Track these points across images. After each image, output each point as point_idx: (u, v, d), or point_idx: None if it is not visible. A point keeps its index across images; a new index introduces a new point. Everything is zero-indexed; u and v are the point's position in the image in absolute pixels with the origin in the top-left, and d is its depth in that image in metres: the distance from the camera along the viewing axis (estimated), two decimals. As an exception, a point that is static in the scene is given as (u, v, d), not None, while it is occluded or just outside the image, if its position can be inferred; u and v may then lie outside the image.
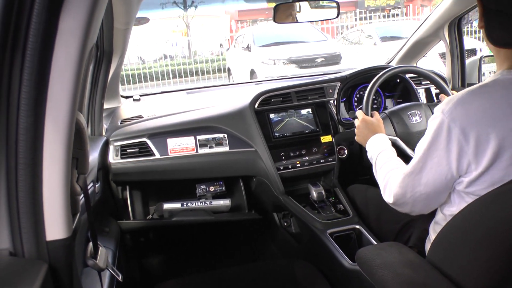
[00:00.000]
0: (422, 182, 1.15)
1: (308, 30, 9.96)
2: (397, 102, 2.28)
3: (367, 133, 1.62)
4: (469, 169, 1.06)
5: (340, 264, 1.65)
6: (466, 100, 1.06)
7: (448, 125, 1.05)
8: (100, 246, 1.17)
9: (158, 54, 13.62)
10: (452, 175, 1.09)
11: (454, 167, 1.07)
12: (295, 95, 2.12)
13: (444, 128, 1.06)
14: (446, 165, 1.08)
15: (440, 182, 1.12)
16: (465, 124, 1.03)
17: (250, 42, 9.71)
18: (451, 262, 1.05)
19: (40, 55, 0.73)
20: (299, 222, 1.98)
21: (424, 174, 1.13)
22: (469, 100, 1.06)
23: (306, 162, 2.05)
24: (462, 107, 1.05)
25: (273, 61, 8.77)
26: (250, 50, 9.58)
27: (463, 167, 1.07)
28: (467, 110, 1.04)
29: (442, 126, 1.06)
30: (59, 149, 0.78)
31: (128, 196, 2.15)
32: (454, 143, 1.05)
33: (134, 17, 1.98)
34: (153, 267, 2.38)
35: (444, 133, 1.06)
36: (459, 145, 1.04)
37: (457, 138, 1.04)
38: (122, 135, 2.05)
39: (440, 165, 1.09)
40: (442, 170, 1.10)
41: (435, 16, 2.30)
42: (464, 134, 1.03)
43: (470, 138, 1.03)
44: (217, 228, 2.44)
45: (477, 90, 1.07)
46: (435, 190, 1.14)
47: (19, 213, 0.76)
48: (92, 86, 1.94)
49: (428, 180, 1.13)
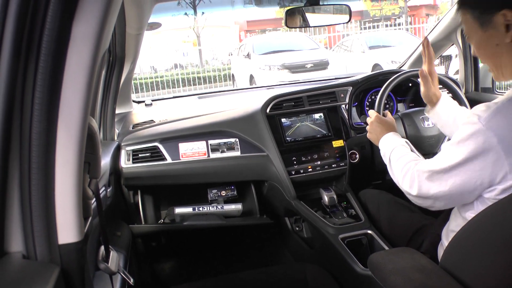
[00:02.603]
0: (449, 183, 1.10)
1: (302, 40, 10.98)
2: (409, 106, 2.26)
3: (380, 131, 1.60)
4: (505, 178, 1.01)
5: (352, 269, 1.64)
6: (506, 109, 1.00)
7: (485, 134, 0.99)
8: (112, 250, 1.17)
9: (169, 64, 14.08)
10: (483, 182, 1.04)
11: (487, 175, 1.03)
12: (306, 100, 2.12)
13: (481, 137, 1.00)
14: (479, 171, 1.04)
15: (469, 187, 1.07)
16: (505, 135, 0.98)
17: (250, 50, 10.60)
18: (465, 268, 1.04)
19: (53, 61, 0.73)
20: (311, 227, 1.98)
21: (453, 176, 1.09)
22: (510, 109, 1.00)
23: (318, 167, 2.05)
24: (502, 116, 0.99)
25: (269, 67, 9.58)
26: (250, 58, 10.44)
27: (497, 176, 1.02)
28: (508, 119, 0.99)
29: (478, 133, 1.01)
30: (72, 154, 0.79)
31: (139, 200, 2.16)
32: (490, 153, 1.00)
33: (147, 22, 1.99)
34: (165, 271, 2.39)
35: (481, 141, 1.01)
36: (496, 155, 1.00)
37: (495, 148, 0.99)
38: (134, 140, 2.06)
39: (472, 170, 1.05)
40: (472, 175, 1.05)
41: (448, 19, 2.29)
42: (504, 145, 0.98)
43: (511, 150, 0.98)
44: (228, 232, 2.44)
45: None
46: (461, 193, 1.10)
47: (32, 216, 0.77)
48: (104, 91, 1.95)
49: (455, 183, 1.09)
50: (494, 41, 1.08)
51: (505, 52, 1.08)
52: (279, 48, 10.27)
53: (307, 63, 9.46)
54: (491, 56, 1.13)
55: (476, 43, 1.15)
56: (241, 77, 11.04)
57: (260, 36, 16.39)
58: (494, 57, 1.12)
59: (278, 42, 10.90)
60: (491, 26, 1.06)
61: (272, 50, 10.20)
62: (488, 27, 1.07)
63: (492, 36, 1.08)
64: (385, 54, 9.68)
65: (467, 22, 1.14)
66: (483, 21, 1.08)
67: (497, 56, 1.11)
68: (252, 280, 1.76)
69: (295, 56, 9.73)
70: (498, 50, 1.09)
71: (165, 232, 2.30)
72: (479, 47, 1.15)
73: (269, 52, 10.14)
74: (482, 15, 1.08)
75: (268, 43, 11.07)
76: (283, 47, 10.29)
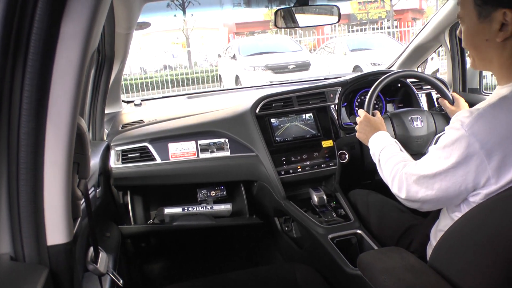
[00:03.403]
0: (435, 187, 1.12)
1: (285, 42, 11.61)
2: (398, 107, 2.28)
3: (369, 130, 1.62)
4: (487, 183, 1.03)
5: (342, 269, 1.64)
6: (487, 115, 1.02)
7: (468, 140, 1.01)
8: (101, 251, 1.16)
9: (159, 65, 14.24)
10: (467, 186, 1.06)
11: (471, 180, 1.04)
12: (296, 100, 2.12)
13: (464, 142, 1.02)
14: (462, 176, 1.05)
15: (454, 190, 1.09)
16: (487, 139, 0.99)
17: (236, 52, 11.07)
18: (452, 267, 1.05)
19: (41, 60, 0.73)
20: (300, 226, 1.98)
21: (438, 182, 1.11)
22: (492, 115, 1.01)
23: (307, 167, 2.05)
24: (484, 121, 1.01)
25: (253, 68, 10.02)
26: (236, 59, 10.91)
27: (480, 181, 1.03)
28: (490, 125, 1.00)
29: (461, 139, 1.02)
30: (60, 154, 0.78)
31: (129, 200, 2.15)
32: (473, 158, 1.01)
33: (136, 22, 1.99)
34: (154, 271, 2.38)
35: (463, 147, 1.02)
36: (479, 160, 1.01)
37: (476, 154, 1.01)
38: (123, 140, 2.05)
39: (455, 175, 1.06)
40: (456, 180, 1.07)
41: (436, 20, 2.30)
42: (485, 150, 0.99)
43: (493, 155, 0.99)
44: (218, 232, 2.44)
45: (498, 104, 1.03)
46: (447, 197, 1.12)
47: (20, 217, 0.76)
48: (93, 91, 1.94)
49: (440, 187, 1.11)
50: (485, 35, 1.08)
51: (492, 50, 1.09)
52: (264, 50, 10.75)
53: (290, 64, 9.90)
54: (476, 47, 1.13)
55: (466, 29, 1.14)
56: (228, 77, 11.45)
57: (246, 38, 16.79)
58: (479, 49, 1.13)
59: (262, 44, 11.53)
60: (488, 20, 1.05)
61: (257, 52, 10.63)
62: (485, 20, 1.06)
63: (484, 30, 1.07)
64: (365, 56, 10.30)
65: (466, 5, 1.11)
66: (482, 11, 1.06)
67: (481, 50, 1.12)
68: (241, 281, 1.75)
69: (279, 57, 10.19)
70: (486, 45, 1.09)
71: (155, 233, 2.29)
72: (468, 34, 1.14)
73: (254, 54, 10.58)
74: (484, 5, 1.05)
75: (253, 45, 11.61)
76: (268, 49, 10.78)
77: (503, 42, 1.05)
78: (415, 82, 2.23)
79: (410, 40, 2.50)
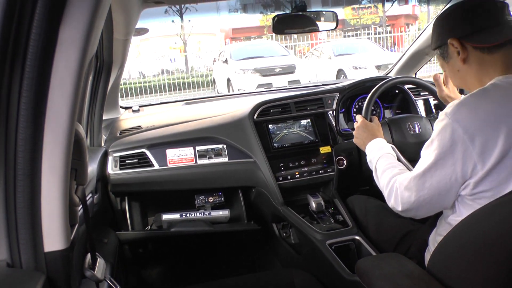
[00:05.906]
0: (426, 186, 1.15)
1: (274, 47, 12.23)
2: (396, 113, 2.28)
3: (366, 136, 1.63)
4: (474, 170, 1.07)
5: (340, 275, 1.64)
6: (469, 102, 1.10)
7: (452, 126, 1.07)
8: (98, 257, 1.16)
9: (157, 69, 14.63)
10: (457, 177, 1.10)
11: (459, 168, 1.09)
12: (294, 106, 2.12)
13: (448, 130, 1.08)
14: (451, 166, 1.10)
15: (445, 184, 1.13)
16: (469, 125, 1.06)
17: (228, 56, 11.58)
18: (450, 273, 1.05)
19: (40, 66, 0.73)
20: (298, 232, 1.98)
21: (428, 177, 1.15)
22: (472, 102, 1.09)
23: (305, 173, 2.05)
24: (466, 108, 1.08)
25: (243, 71, 10.58)
26: (227, 63, 11.45)
27: (468, 169, 1.08)
28: (470, 111, 1.07)
29: (446, 128, 1.09)
30: (58, 160, 0.78)
31: (126, 207, 2.15)
32: (458, 144, 1.07)
33: (134, 28, 1.99)
34: (152, 278, 2.37)
35: (448, 135, 1.08)
36: (464, 146, 1.06)
37: (461, 139, 1.06)
38: (121, 146, 2.05)
39: (444, 166, 1.11)
40: (446, 172, 1.11)
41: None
42: (468, 134, 1.05)
43: (476, 139, 1.05)
44: (216, 239, 2.43)
45: (478, 93, 1.11)
46: (439, 193, 1.15)
47: (17, 224, 0.76)
48: (91, 97, 1.94)
49: (432, 183, 1.14)
50: (455, 68, 1.25)
51: (466, 75, 1.23)
52: (254, 54, 11.30)
53: (276, 68, 10.44)
54: (460, 81, 1.28)
55: (447, 74, 1.33)
56: (221, 81, 12.06)
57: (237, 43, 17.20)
58: (462, 82, 1.27)
59: (253, 49, 12.15)
60: (449, 57, 1.25)
61: (248, 56, 11.18)
62: (448, 58, 1.26)
63: (453, 65, 1.25)
64: (348, 60, 11.02)
65: (438, 60, 1.32)
66: (443, 55, 1.27)
67: (462, 80, 1.26)
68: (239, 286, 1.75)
69: (267, 61, 10.73)
70: (461, 74, 1.24)
71: (152, 239, 2.28)
72: (450, 76, 1.32)
73: (244, 58, 11.12)
74: (442, 50, 1.26)
75: (244, 49, 12.21)
76: (257, 54, 11.34)
77: (467, 64, 1.20)
78: (412, 88, 2.24)
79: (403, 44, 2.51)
